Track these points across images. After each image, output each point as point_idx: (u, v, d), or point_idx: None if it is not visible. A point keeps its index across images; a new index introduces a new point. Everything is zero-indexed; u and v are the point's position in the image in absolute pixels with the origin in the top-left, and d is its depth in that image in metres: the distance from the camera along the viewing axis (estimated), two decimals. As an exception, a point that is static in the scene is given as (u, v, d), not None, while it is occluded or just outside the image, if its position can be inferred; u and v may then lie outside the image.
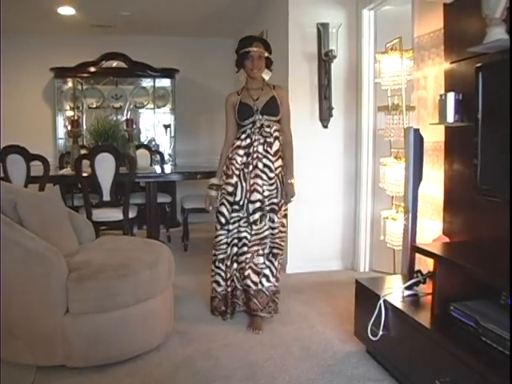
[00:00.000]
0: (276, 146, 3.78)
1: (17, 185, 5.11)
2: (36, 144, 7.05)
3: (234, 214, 3.79)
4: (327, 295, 4.45)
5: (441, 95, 3.26)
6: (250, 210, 3.75)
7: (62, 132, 8.05)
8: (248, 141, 3.77)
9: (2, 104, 7.61)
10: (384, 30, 4.96)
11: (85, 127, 8.06)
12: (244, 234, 3.78)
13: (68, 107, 8.07)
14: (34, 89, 8.00)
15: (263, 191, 3.74)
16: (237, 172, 3.78)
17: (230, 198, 3.79)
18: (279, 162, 3.81)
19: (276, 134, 3.80)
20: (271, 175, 3.75)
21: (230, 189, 3.79)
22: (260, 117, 3.75)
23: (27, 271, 3.03)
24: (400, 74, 4.14)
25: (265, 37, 6.01)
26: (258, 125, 3.76)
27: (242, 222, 3.79)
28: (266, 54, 3.79)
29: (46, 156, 5.47)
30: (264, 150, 3.74)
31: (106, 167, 5.14)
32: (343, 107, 5.21)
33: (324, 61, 5.02)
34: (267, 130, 3.77)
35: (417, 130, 3.43)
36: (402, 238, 3.48)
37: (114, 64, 7.78)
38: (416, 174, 3.40)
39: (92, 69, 7.72)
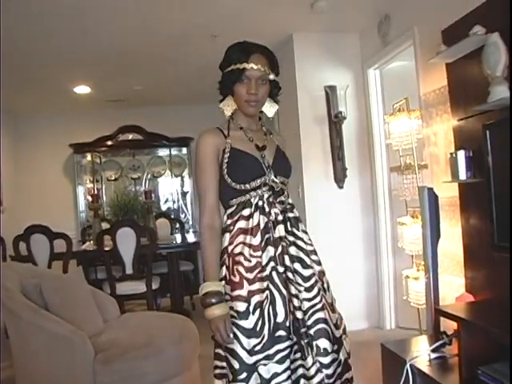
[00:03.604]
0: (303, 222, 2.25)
1: (41, 262, 5.25)
2: (58, 218, 7.29)
3: (279, 349, 1.99)
4: (354, 357, 4.34)
5: (451, 153, 3.31)
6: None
7: (82, 205, 8.22)
8: (263, 219, 2.10)
9: (25, 182, 7.91)
10: (391, 86, 5.07)
11: (105, 198, 8.25)
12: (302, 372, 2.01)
13: (88, 180, 8.28)
14: (55, 165, 8.24)
15: (302, 302, 2.06)
16: (249, 275, 2.04)
17: (246, 324, 2.00)
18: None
19: (291, 200, 2.26)
20: (306, 273, 2.11)
21: (243, 306, 2.02)
22: (273, 177, 2.16)
23: (54, 355, 3.08)
24: (409, 133, 4.19)
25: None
26: (270, 192, 2.15)
27: (295, 355, 2.02)
28: (272, 77, 2.18)
29: (68, 229, 5.62)
30: (287, 231, 2.13)
31: (127, 241, 5.22)
32: (357, 167, 5.27)
33: (334, 122, 5.10)
34: (283, 198, 2.18)
35: (431, 189, 3.46)
36: (425, 298, 3.46)
37: (131, 136, 8.00)
38: (433, 233, 3.41)
39: (109, 142, 7.94)
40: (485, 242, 3.08)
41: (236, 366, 1.97)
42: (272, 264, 2.05)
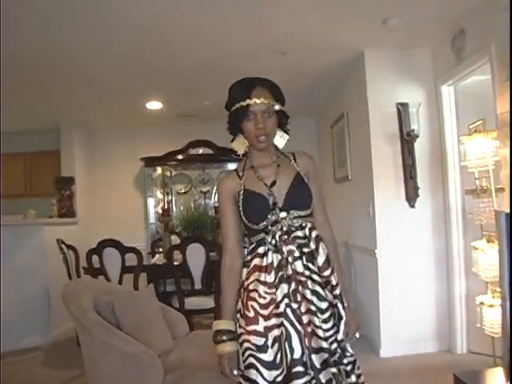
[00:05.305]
0: (322, 253, 2.20)
1: (112, 274, 5.40)
2: (129, 229, 7.51)
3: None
4: (425, 382, 4.26)
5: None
6: (317, 365, 2.04)
7: (152, 217, 8.38)
8: (277, 257, 2.14)
9: (98, 193, 8.28)
10: (466, 103, 4.90)
11: (174, 209, 8.40)
12: None
13: (158, 193, 8.44)
14: (126, 178, 8.47)
15: (325, 336, 2.07)
16: (264, 311, 2.09)
17: (265, 357, 2.05)
18: (336, 276, 2.22)
19: (315, 232, 2.22)
20: (323, 306, 2.11)
21: (260, 341, 2.07)
22: (284, 214, 2.17)
23: (124, 373, 3.13)
24: (486, 155, 4.04)
25: (345, 119, 6.09)
26: (285, 228, 2.16)
27: None
28: (277, 107, 2.21)
29: (138, 240, 5.76)
30: (304, 266, 2.13)
31: (196, 256, 5.29)
32: (429, 187, 5.13)
33: (407, 140, 4.98)
34: (300, 233, 2.17)
35: (508, 215, 3.32)
36: (501, 328, 3.32)
37: (201, 151, 8.14)
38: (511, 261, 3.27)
39: (179, 156, 8.13)
40: None
41: None
42: (286, 301, 2.08)
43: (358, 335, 2.26)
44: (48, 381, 4.73)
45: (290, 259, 2.12)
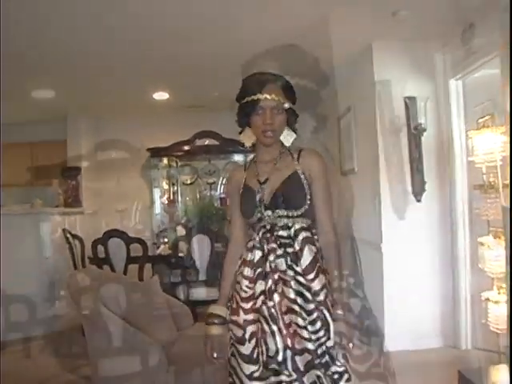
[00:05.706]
0: (307, 256, 2.14)
1: (117, 265, 5.38)
2: (135, 220, 7.43)
3: (277, 381, 2.06)
4: (430, 377, 4.25)
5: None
6: (301, 367, 2.04)
7: (158, 207, 8.36)
8: (258, 253, 2.16)
9: (104, 184, 8.17)
10: (475, 97, 4.84)
11: (180, 200, 8.39)
12: None
13: (164, 184, 8.43)
14: (132, 168, 8.39)
15: (310, 337, 2.06)
16: (245, 305, 2.15)
17: (243, 349, 2.13)
18: (321, 281, 2.14)
19: (304, 234, 2.17)
20: (309, 307, 2.09)
21: (239, 332, 2.15)
22: (269, 213, 2.19)
23: (128, 365, 3.18)
24: (494, 151, 3.99)
25: (352, 112, 6.05)
26: (268, 226, 2.18)
27: None
28: (287, 105, 2.21)
29: (143, 231, 5.69)
30: (288, 266, 2.12)
31: (201, 248, 5.31)
32: (436, 181, 5.10)
33: (414, 134, 4.94)
34: (283, 233, 2.16)
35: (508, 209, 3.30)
36: (507, 325, 3.31)
37: (207, 142, 8.09)
38: (515, 257, 3.25)
39: (186, 147, 8.08)
40: None
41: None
42: (262, 298, 2.12)
43: (351, 345, 2.14)
44: (52, 369, 4.73)
45: (270, 257, 2.14)
